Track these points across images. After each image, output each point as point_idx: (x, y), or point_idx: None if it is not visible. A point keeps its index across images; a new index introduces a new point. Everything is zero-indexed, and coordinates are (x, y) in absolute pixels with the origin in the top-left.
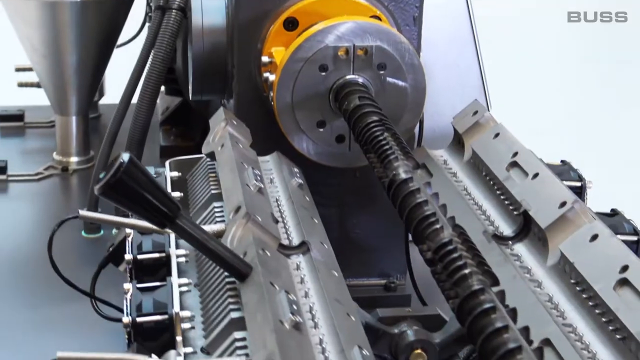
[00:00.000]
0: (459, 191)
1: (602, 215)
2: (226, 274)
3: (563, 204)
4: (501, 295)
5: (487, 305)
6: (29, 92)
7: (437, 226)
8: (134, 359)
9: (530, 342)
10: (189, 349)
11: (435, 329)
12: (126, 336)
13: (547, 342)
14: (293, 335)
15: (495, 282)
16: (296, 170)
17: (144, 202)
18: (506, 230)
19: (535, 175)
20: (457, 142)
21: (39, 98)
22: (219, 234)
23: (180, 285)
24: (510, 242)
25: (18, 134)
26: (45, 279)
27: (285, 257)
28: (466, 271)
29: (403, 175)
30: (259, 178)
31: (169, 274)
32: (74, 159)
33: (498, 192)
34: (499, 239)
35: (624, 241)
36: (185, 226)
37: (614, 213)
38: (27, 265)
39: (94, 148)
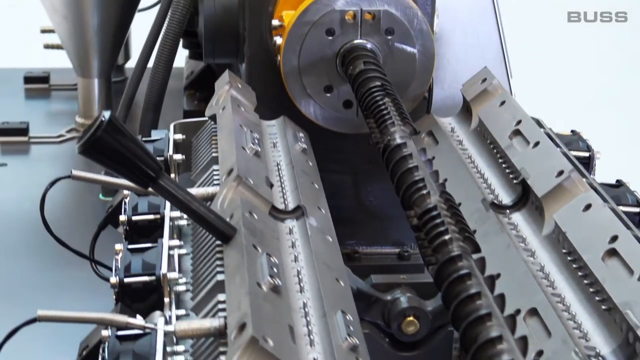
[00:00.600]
0: (462, 159)
1: (606, 186)
2: None
3: (560, 173)
4: (481, 262)
5: (463, 272)
6: (56, 54)
7: (424, 192)
8: (114, 319)
9: (517, 312)
10: (179, 311)
11: (429, 297)
12: (114, 297)
13: (533, 311)
14: (270, 298)
15: (477, 249)
16: (301, 135)
17: (125, 161)
18: (506, 199)
19: (536, 144)
20: (465, 110)
21: (65, 60)
22: (212, 197)
23: (172, 247)
24: (507, 211)
25: (43, 96)
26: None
27: (279, 222)
28: (446, 237)
29: (398, 141)
30: (256, 141)
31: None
32: None
33: (500, 160)
34: (497, 207)
35: (627, 212)
36: (167, 187)
37: (619, 184)
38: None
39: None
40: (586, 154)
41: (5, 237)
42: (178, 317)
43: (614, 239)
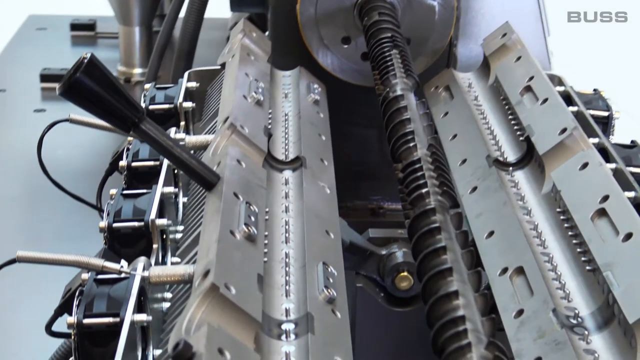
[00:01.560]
0: (474, 115)
1: (619, 147)
2: None
3: (563, 131)
4: (458, 217)
5: (433, 225)
6: (102, 2)
7: (411, 145)
8: (90, 262)
9: (505, 270)
10: (175, 259)
11: None
12: (104, 241)
13: (520, 270)
14: (243, 246)
15: (455, 204)
16: (316, 86)
17: (106, 104)
18: (512, 156)
19: (545, 100)
20: (485, 65)
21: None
22: (207, 145)
23: (167, 194)
24: (510, 169)
25: (89, 44)
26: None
27: (276, 172)
28: (423, 190)
29: (397, 93)
30: (260, 90)
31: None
32: (137, 71)
33: (510, 117)
34: (500, 164)
35: (636, 174)
36: (149, 131)
37: (633, 145)
38: (87, 175)
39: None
40: (604, 114)
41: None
42: (173, 264)
43: (605, 198)
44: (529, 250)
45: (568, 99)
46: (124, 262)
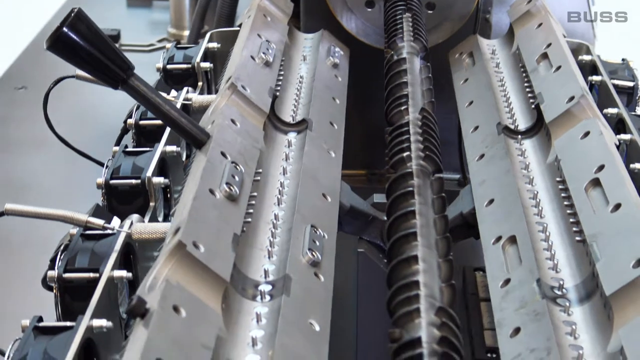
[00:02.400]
0: (492, 82)
1: (636, 117)
2: None
3: (571, 99)
4: (439, 183)
5: (407, 189)
6: None
7: (402, 108)
8: (74, 216)
9: (499, 238)
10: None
11: None
12: (102, 198)
13: (512, 239)
14: (221, 205)
15: (438, 169)
16: (337, 49)
17: (94, 59)
18: (524, 124)
19: (558, 68)
20: (510, 32)
21: None
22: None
23: (170, 153)
24: (519, 137)
25: (144, 5)
26: None
27: (280, 133)
28: (405, 154)
29: (402, 56)
30: (270, 51)
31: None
32: (186, 33)
33: (526, 85)
34: (510, 132)
35: None
36: (137, 87)
37: None
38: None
39: (208, 22)
40: (630, 84)
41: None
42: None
43: (600, 168)
44: (523, 219)
45: (593, 68)
46: (115, 220)
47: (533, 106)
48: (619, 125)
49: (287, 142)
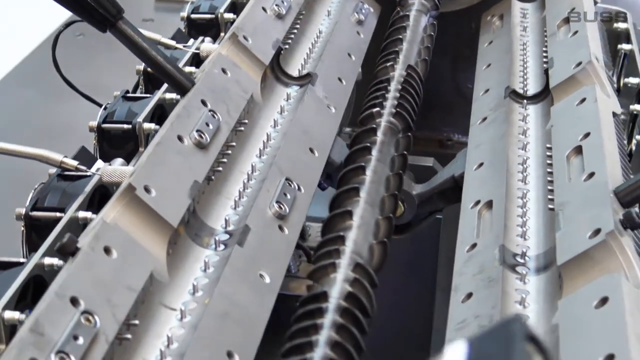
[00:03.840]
0: (513, 46)
1: None
2: None
3: (578, 64)
4: (406, 141)
5: (364, 145)
6: None
7: (389, 64)
8: (50, 156)
9: (477, 202)
10: None
11: (425, 181)
12: (94, 142)
13: (490, 204)
14: (188, 152)
15: (407, 127)
16: (366, 7)
17: (81, 1)
18: (534, 89)
19: (575, 32)
20: None
21: None
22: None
23: (169, 100)
24: (525, 101)
25: None
26: None
27: (282, 86)
28: (374, 110)
29: (409, 12)
30: (284, 3)
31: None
32: None
33: (544, 49)
34: (517, 96)
35: None
36: (125, 32)
37: None
38: None
39: None
40: None
41: None
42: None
43: (586, 135)
44: (504, 184)
45: (626, 37)
46: (99, 162)
47: (544, 71)
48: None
49: (286, 95)
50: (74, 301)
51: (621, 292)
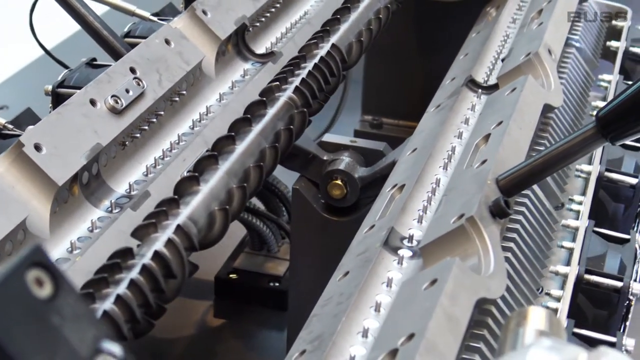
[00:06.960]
0: (495, 36)
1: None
2: None
3: (527, 55)
4: (301, 117)
5: (246, 115)
6: None
7: (313, 42)
8: None
9: (394, 186)
10: None
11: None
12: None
13: (402, 188)
14: (96, 116)
15: (306, 103)
16: None
17: None
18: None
19: (540, 24)
20: None
21: None
22: None
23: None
24: (480, 91)
25: None
26: None
27: (243, 62)
28: (274, 84)
29: None
30: None
31: None
32: None
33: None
34: (474, 85)
35: None
36: None
37: None
38: None
39: None
40: None
41: None
42: None
43: (499, 124)
44: (419, 169)
45: (618, 34)
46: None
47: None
48: None
49: (243, 71)
50: None
51: (449, 274)
